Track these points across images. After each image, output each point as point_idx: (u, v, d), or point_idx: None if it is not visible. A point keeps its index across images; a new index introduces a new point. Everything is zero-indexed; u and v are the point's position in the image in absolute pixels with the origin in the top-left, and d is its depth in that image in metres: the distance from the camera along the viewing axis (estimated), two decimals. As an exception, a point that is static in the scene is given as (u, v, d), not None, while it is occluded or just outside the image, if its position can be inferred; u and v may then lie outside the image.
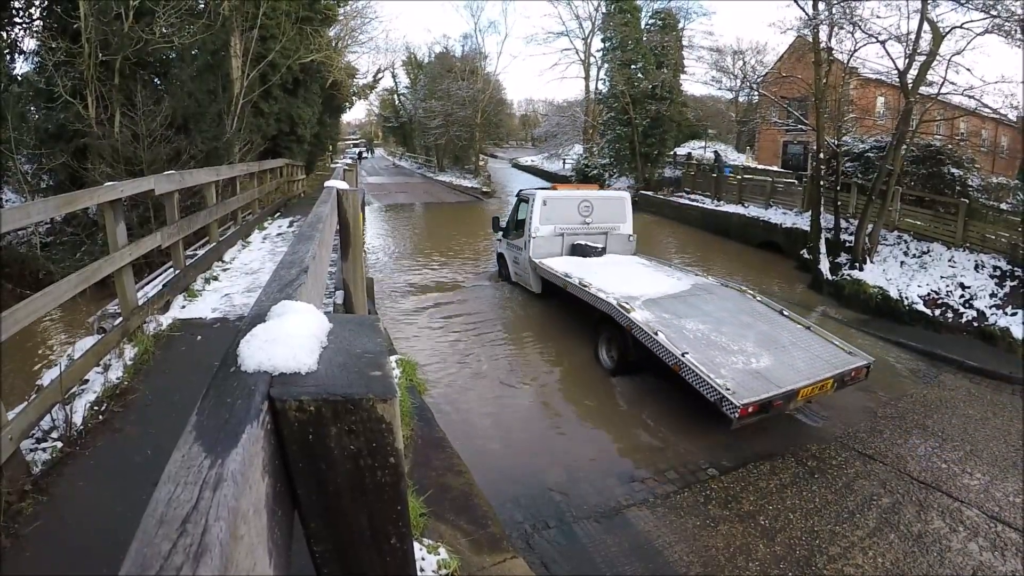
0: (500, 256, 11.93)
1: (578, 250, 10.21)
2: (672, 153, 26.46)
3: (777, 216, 16.45)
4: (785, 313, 7.45)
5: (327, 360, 0.72)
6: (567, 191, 11.25)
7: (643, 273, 9.13)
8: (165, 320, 4.89)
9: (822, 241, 12.85)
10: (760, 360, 6.13)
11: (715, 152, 25.90)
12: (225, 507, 0.48)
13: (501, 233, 11.74)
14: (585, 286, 8.07)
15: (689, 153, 26.45)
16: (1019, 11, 10.32)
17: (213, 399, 0.64)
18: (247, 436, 0.57)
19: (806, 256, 13.57)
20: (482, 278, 12.21)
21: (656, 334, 6.40)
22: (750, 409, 5.38)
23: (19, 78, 12.77)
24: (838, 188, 13.51)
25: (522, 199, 10.94)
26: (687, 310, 7.26)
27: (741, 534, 4.69)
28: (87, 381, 3.64)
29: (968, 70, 11.50)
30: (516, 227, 10.97)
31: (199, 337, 4.64)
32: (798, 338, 6.76)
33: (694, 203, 20.34)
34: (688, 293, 7.96)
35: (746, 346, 6.39)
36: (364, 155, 50.63)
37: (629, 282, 8.29)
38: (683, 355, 5.96)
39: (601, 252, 10.23)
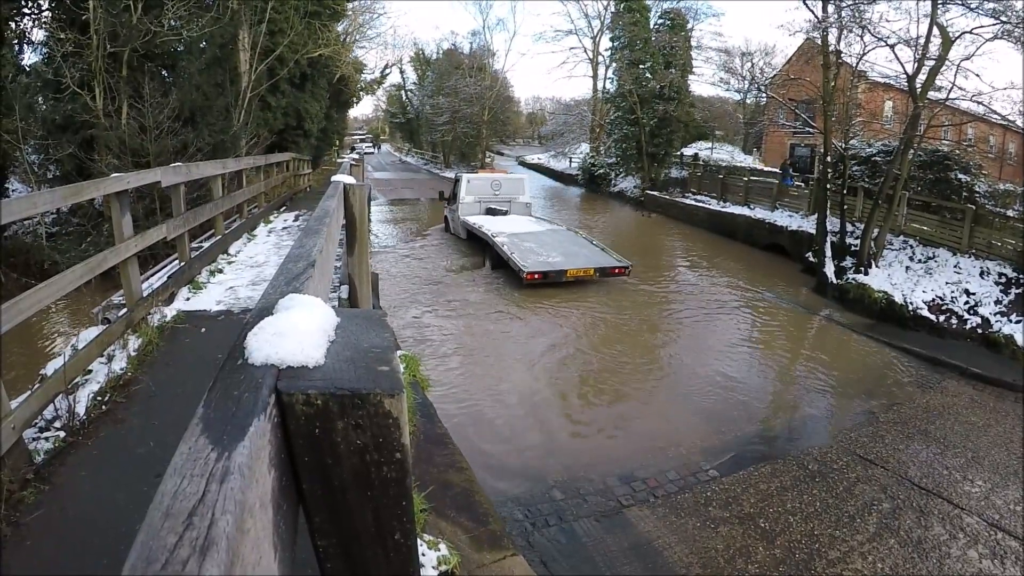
0: (445, 217, 17.47)
1: (490, 211, 15.11)
2: (679, 153, 26.35)
3: (783, 218, 16.36)
4: (595, 243, 12.60)
5: (334, 354, 0.72)
6: (484, 174, 16.74)
7: (523, 224, 14.00)
8: (169, 312, 4.88)
9: (827, 244, 12.76)
10: (554, 259, 11.18)
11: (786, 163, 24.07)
12: (232, 500, 0.47)
13: (446, 201, 17.00)
14: (479, 227, 13.38)
15: (696, 154, 26.32)
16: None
17: (220, 392, 0.63)
18: (254, 429, 0.56)
19: (811, 259, 13.54)
20: (436, 230, 17.91)
21: (502, 246, 11.55)
22: (536, 276, 10.54)
23: (27, 68, 12.80)
24: (844, 192, 13.45)
25: (456, 179, 16.02)
26: (532, 239, 12.30)
27: (741, 536, 4.68)
28: (90, 371, 3.64)
29: (977, 75, 11.44)
30: (452, 198, 16.18)
31: (203, 329, 4.64)
32: (591, 252, 11.85)
33: (700, 204, 20.26)
34: (541, 232, 13.15)
35: (552, 254, 11.39)
36: (368, 150, 50.19)
37: (509, 227, 13.19)
38: (511, 255, 11.09)
39: (505, 213, 15.08)
